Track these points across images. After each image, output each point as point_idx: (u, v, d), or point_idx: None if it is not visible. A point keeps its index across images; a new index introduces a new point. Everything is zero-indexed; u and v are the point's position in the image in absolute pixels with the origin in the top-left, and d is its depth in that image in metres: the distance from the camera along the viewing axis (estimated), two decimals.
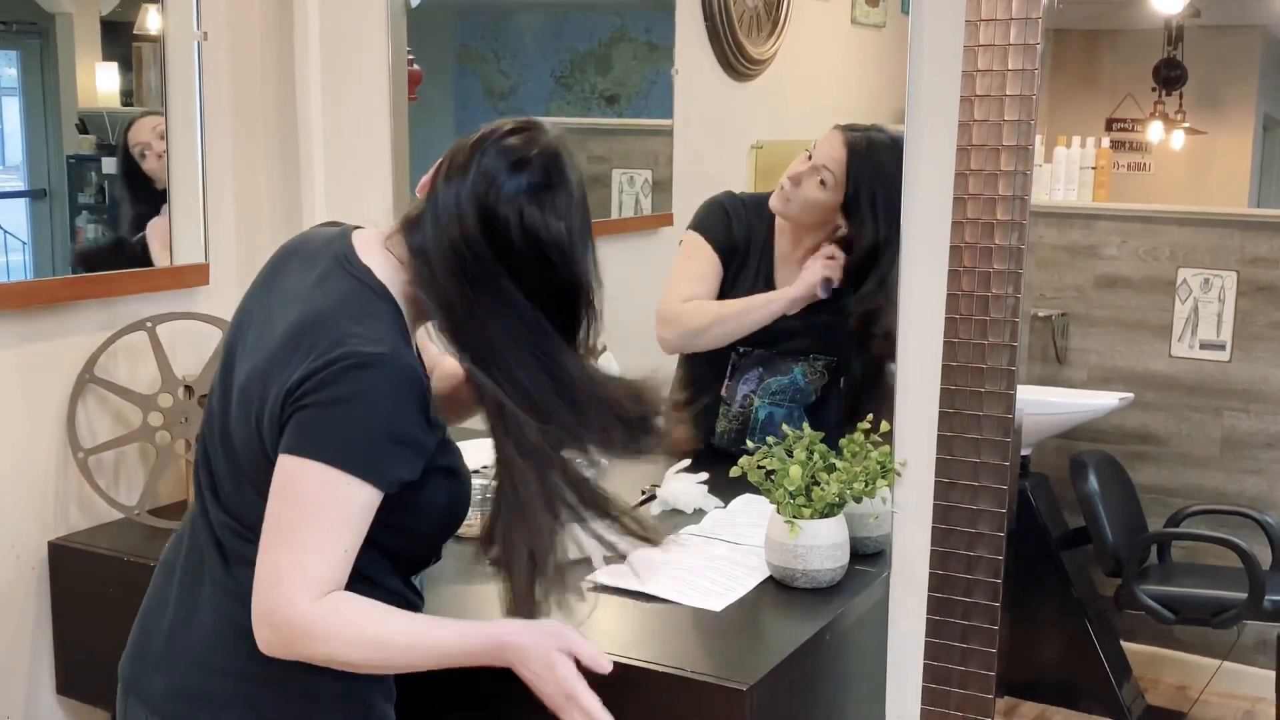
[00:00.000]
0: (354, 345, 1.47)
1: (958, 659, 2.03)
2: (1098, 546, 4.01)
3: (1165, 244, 4.25)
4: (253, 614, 1.49)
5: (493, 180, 1.52)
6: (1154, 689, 4.19)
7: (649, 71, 3.69)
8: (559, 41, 3.82)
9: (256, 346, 1.56)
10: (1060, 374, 4.41)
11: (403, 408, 1.49)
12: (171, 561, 1.68)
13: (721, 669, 1.76)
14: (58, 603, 2.35)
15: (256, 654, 1.55)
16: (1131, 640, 4.21)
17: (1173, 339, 4.25)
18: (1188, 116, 5.26)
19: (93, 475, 2.36)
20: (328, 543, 1.46)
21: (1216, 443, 4.22)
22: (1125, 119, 5.39)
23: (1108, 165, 4.54)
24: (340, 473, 1.46)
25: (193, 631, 1.60)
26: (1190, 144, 5.25)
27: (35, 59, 2.55)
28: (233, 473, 1.58)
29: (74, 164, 2.56)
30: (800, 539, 2.01)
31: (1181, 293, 4.23)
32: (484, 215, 1.51)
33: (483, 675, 1.86)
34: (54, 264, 2.57)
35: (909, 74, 1.99)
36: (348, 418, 1.46)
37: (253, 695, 1.57)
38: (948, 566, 2.03)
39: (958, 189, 1.96)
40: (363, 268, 1.56)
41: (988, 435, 1.98)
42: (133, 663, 1.67)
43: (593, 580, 2.06)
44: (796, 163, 2.59)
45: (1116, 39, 5.43)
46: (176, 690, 1.60)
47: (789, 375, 2.62)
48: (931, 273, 2.00)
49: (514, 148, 1.55)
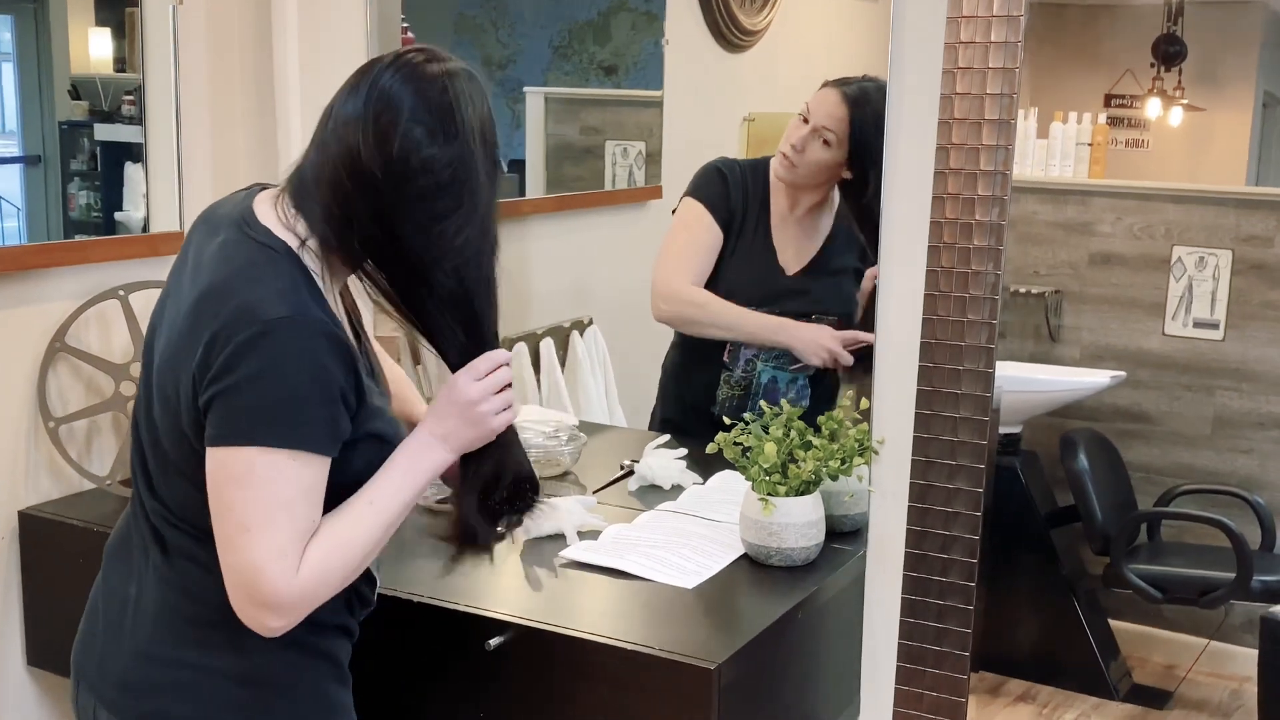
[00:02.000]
0: (254, 314, 1.41)
1: (932, 638, 2.01)
2: (1086, 525, 4.00)
3: (1160, 221, 4.22)
4: (244, 612, 1.45)
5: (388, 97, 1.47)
6: (1141, 668, 4.18)
7: (647, 42, 3.65)
8: (558, 11, 3.79)
9: (170, 327, 1.52)
10: (1053, 351, 4.39)
11: (320, 364, 1.43)
12: (115, 548, 1.65)
13: (689, 647, 1.74)
14: (28, 573, 2.33)
15: (199, 642, 1.53)
16: (1119, 619, 4.20)
17: (1166, 317, 4.23)
18: (1186, 93, 5.21)
19: (63, 444, 2.34)
20: (291, 522, 1.43)
21: (1208, 422, 4.20)
22: (1124, 95, 5.34)
23: (1104, 141, 4.50)
24: (281, 451, 1.41)
25: (135, 620, 1.57)
26: (1189, 121, 5.20)
27: (30, 23, 2.53)
28: (159, 459, 1.54)
29: (66, 130, 2.54)
30: (775, 516, 1.99)
31: (1176, 271, 4.20)
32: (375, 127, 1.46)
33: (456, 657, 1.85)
34: (48, 230, 2.55)
35: (891, 46, 1.96)
36: (269, 392, 1.41)
37: (197, 684, 1.54)
38: (924, 546, 2.00)
39: (939, 163, 1.93)
40: (261, 228, 1.50)
41: (965, 414, 1.95)
42: (82, 651, 1.65)
43: (565, 557, 2.04)
44: (793, 128, 2.57)
45: (1116, 14, 5.38)
46: (120, 679, 1.57)
47: None
48: (911, 248, 1.97)
49: (413, 65, 1.50)
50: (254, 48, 2.62)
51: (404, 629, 1.86)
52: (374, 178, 1.46)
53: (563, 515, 2.12)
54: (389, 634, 1.79)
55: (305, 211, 1.50)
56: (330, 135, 1.50)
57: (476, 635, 1.80)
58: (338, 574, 1.48)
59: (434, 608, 1.86)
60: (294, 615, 1.45)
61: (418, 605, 1.86)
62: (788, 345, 2.56)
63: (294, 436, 1.42)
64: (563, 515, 2.12)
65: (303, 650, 1.57)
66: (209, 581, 1.50)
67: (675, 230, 2.68)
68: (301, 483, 1.43)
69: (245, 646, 1.52)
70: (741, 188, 2.63)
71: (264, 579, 1.41)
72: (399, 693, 1.88)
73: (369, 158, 1.46)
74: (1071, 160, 4.49)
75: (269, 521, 1.41)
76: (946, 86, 1.91)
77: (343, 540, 1.47)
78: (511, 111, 3.56)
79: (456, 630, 1.84)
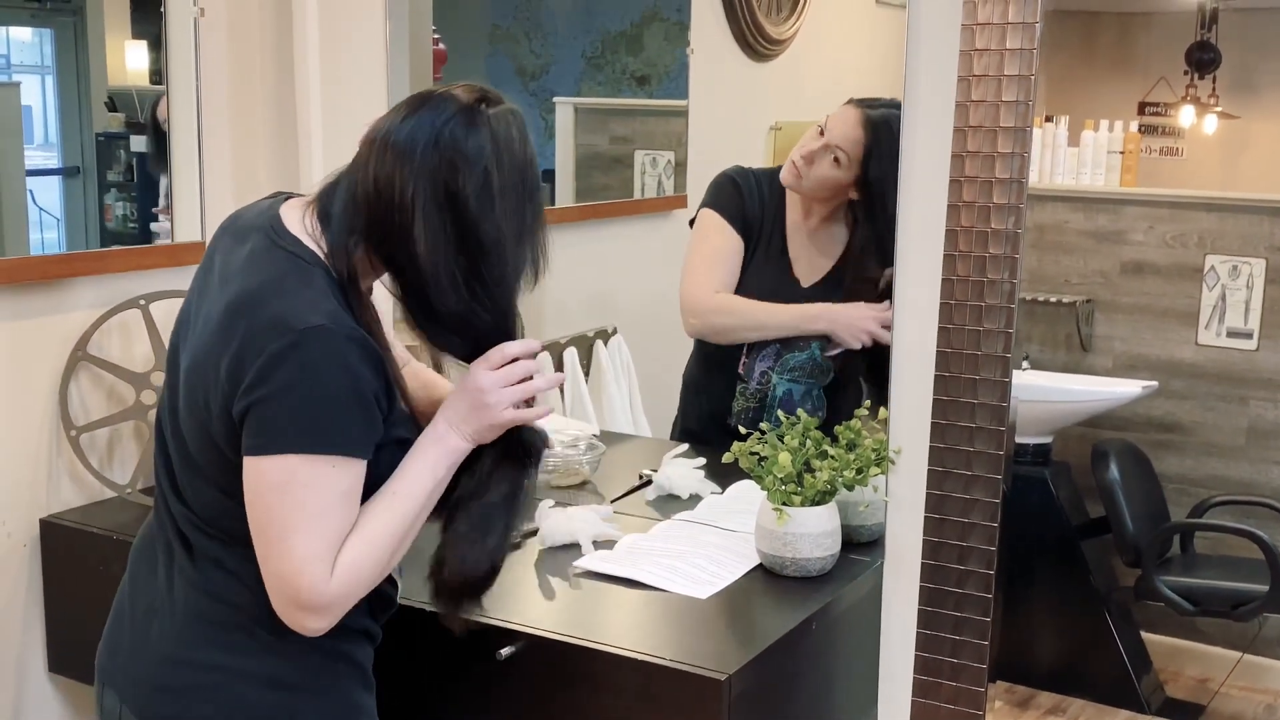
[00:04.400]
0: (287, 323, 1.43)
1: (949, 650, 1.99)
2: (1118, 536, 3.95)
3: (1193, 230, 4.17)
4: (286, 615, 1.47)
5: (446, 138, 1.48)
6: (1173, 681, 4.13)
7: (679, 52, 3.66)
8: (591, 21, 3.80)
9: (198, 335, 1.53)
10: (1084, 361, 4.35)
11: (354, 370, 1.45)
12: (140, 552, 1.67)
13: (701, 657, 1.73)
14: (49, 581, 2.34)
15: (226, 646, 1.55)
16: (1151, 631, 4.15)
17: (1199, 327, 4.18)
18: (1221, 101, 5.15)
19: (85, 453, 2.35)
20: (330, 526, 1.45)
21: (1242, 432, 4.15)
22: (1157, 103, 5.29)
23: (1135, 149, 4.46)
24: (320, 458, 1.43)
25: (162, 624, 1.58)
26: (1223, 128, 5.14)
27: (69, 36, 2.56)
28: (187, 467, 1.56)
29: (103, 142, 2.57)
30: (789, 526, 1.97)
31: (1209, 280, 4.15)
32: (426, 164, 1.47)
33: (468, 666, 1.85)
34: (86, 241, 2.58)
35: (906, 53, 1.94)
36: (306, 400, 1.43)
37: (225, 687, 1.55)
38: (940, 557, 1.98)
39: (954, 172, 1.91)
40: (290, 237, 1.52)
41: (982, 424, 1.93)
42: (108, 654, 1.66)
43: (580, 566, 2.04)
44: (808, 139, 2.54)
45: (1149, 21, 5.33)
46: (147, 682, 1.58)
47: (807, 350, 2.57)
48: (926, 257, 1.95)
49: (473, 109, 1.51)
50: (275, 58, 2.64)
51: (417, 638, 1.86)
52: (418, 213, 1.47)
53: (578, 525, 2.12)
54: (402, 642, 1.78)
55: (334, 226, 1.51)
56: (377, 161, 1.49)
57: (489, 645, 1.80)
58: (370, 570, 1.50)
59: None
60: (333, 615, 1.48)
61: (430, 615, 1.86)
62: (828, 330, 2.52)
63: (332, 442, 1.44)
64: (578, 525, 2.12)
65: (327, 654, 1.58)
66: (235, 586, 1.53)
67: (695, 243, 2.66)
68: (340, 487, 1.45)
69: (273, 650, 1.54)
70: (757, 196, 2.62)
71: (303, 582, 1.44)
72: (412, 701, 1.88)
73: (417, 193, 1.47)
74: (1103, 169, 4.45)
75: (308, 527, 1.43)
76: (962, 94, 1.89)
77: (371, 536, 1.49)
78: (544, 121, 3.57)
79: (469, 639, 1.84)
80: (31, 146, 2.52)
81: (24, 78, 2.48)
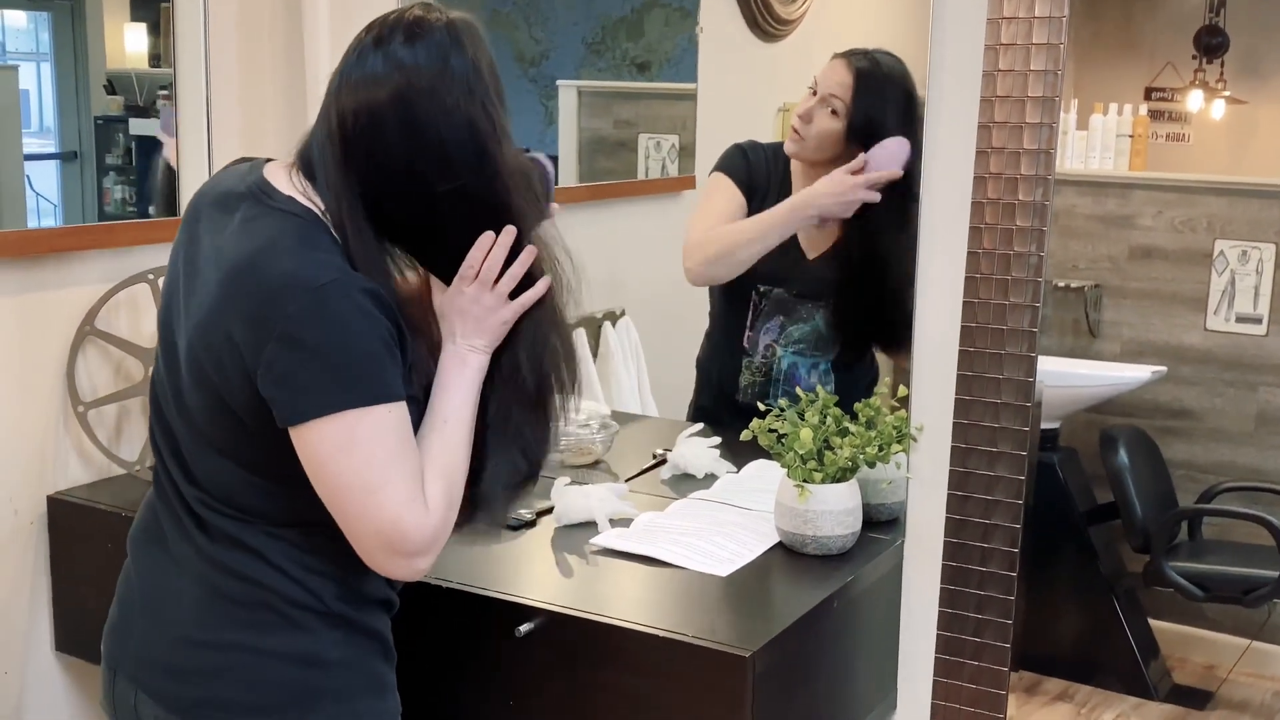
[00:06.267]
0: (302, 283, 1.40)
1: (972, 630, 1.96)
2: (1126, 522, 3.93)
3: (1202, 215, 4.15)
4: (388, 566, 1.47)
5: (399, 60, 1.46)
6: (1181, 668, 4.12)
7: (680, 38, 3.63)
8: (590, 7, 3.77)
9: (195, 307, 1.49)
10: (1092, 346, 4.32)
11: (376, 319, 1.43)
12: (141, 536, 1.63)
13: (724, 635, 1.70)
14: (56, 558, 2.31)
15: (251, 624, 1.52)
16: (1159, 618, 4.13)
17: (1208, 312, 4.16)
18: (1229, 85, 5.11)
19: (93, 429, 2.32)
20: (408, 468, 1.44)
21: (1251, 418, 4.13)
22: (1164, 88, 5.25)
23: (1144, 133, 4.43)
24: (375, 407, 1.42)
25: (179, 606, 1.54)
26: (1231, 113, 5.11)
27: (66, 20, 2.54)
28: (199, 445, 1.52)
29: (102, 125, 2.55)
30: (810, 504, 1.95)
31: (1218, 265, 4.13)
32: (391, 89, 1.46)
33: (485, 643, 1.82)
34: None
35: (931, 20, 1.91)
36: (343, 355, 1.41)
37: (251, 666, 1.52)
38: (963, 535, 1.96)
39: (980, 143, 1.88)
40: (283, 198, 1.49)
41: (1007, 399, 1.90)
42: (117, 643, 1.62)
43: (597, 544, 2.01)
44: (802, 101, 2.55)
45: (1156, 5, 5.29)
46: (166, 666, 1.55)
47: (810, 322, 2.56)
48: (952, 230, 1.92)
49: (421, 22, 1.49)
50: (284, 37, 2.60)
51: (433, 614, 1.83)
52: (393, 140, 1.46)
53: (594, 502, 2.10)
54: (419, 619, 1.76)
55: (320, 177, 1.50)
56: (341, 99, 1.48)
57: (507, 621, 1.77)
58: (453, 496, 1.50)
59: (464, 593, 1.84)
60: (437, 550, 1.48)
61: (447, 591, 1.84)
62: (820, 211, 2.47)
63: (380, 390, 1.42)
64: (594, 502, 2.10)
65: (351, 628, 1.56)
66: (257, 563, 1.51)
67: (700, 202, 2.69)
68: (400, 430, 1.44)
69: (299, 626, 1.52)
70: (763, 166, 2.62)
71: (406, 527, 1.43)
72: (428, 678, 1.85)
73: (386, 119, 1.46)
74: (1112, 153, 4.42)
75: (388, 476, 1.42)
76: (989, 63, 1.86)
77: (444, 464, 1.50)
78: (544, 107, 3.54)
79: (486, 616, 1.82)
80: (28, 132, 2.49)
81: (20, 64, 2.46)
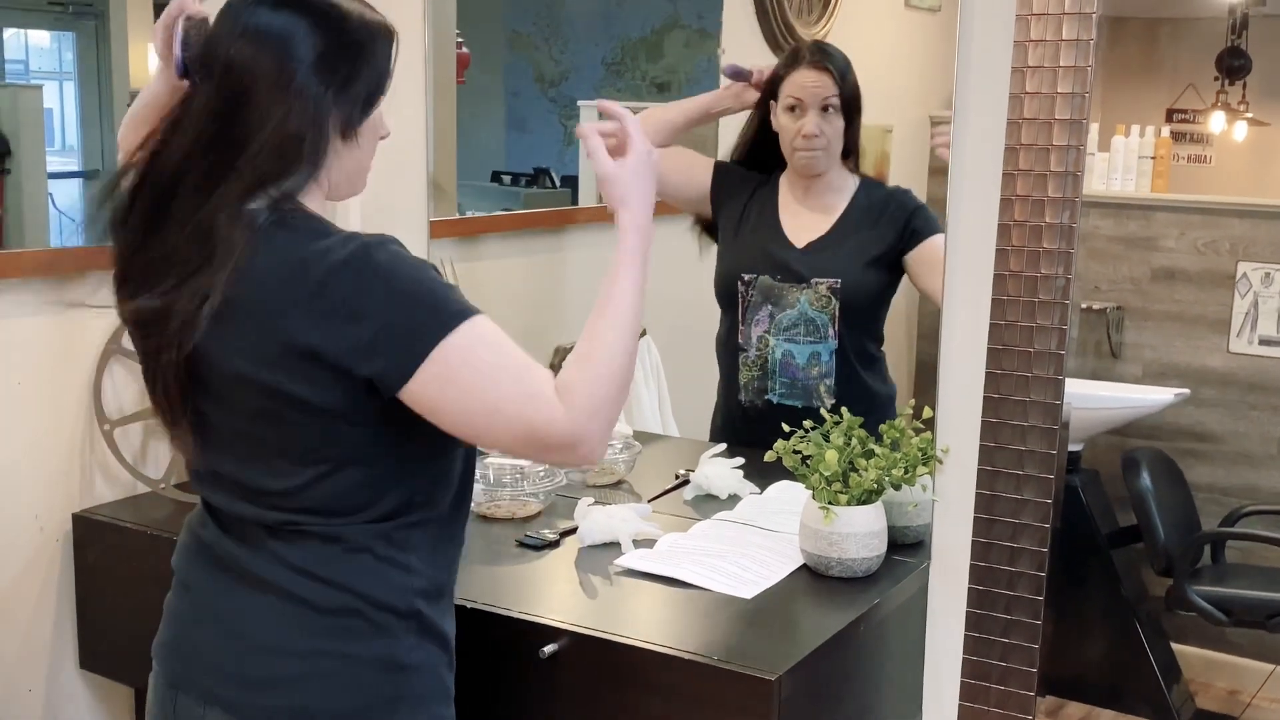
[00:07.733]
0: (342, 254, 1.42)
1: (998, 654, 1.95)
2: (1149, 545, 3.91)
3: (1225, 237, 4.14)
4: (556, 460, 1.51)
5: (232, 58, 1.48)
6: (1204, 693, 4.09)
7: (700, 59, 3.64)
8: (610, 28, 3.78)
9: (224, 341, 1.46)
10: (1114, 368, 4.31)
11: (410, 259, 1.46)
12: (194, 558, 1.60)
13: (749, 658, 1.69)
14: (81, 576, 2.32)
15: (336, 631, 1.50)
16: (1182, 642, 4.10)
17: (1231, 334, 4.14)
18: (1251, 107, 5.11)
19: (118, 447, 2.33)
20: (506, 376, 1.43)
21: (1275, 441, 4.11)
22: (1186, 110, 5.25)
23: (1167, 155, 4.42)
24: (464, 325, 1.42)
25: (250, 617, 1.52)
26: (1253, 135, 5.10)
27: (90, 40, 2.55)
28: (270, 462, 1.50)
29: None
30: (835, 526, 1.94)
31: (1241, 287, 4.11)
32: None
33: (510, 664, 1.82)
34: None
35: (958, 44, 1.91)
36: (416, 292, 1.42)
37: (337, 673, 1.51)
38: (990, 558, 1.95)
39: (1007, 165, 1.88)
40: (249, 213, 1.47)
41: (1034, 422, 1.89)
42: (181, 661, 1.57)
43: (621, 565, 2.01)
44: (806, 124, 2.57)
45: (1179, 27, 5.29)
46: (241, 678, 1.52)
47: (796, 306, 2.58)
48: (978, 252, 1.91)
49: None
50: None
51: (458, 635, 1.82)
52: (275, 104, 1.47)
53: (618, 523, 2.09)
54: None
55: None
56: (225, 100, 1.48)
57: (531, 642, 1.77)
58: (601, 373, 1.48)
59: (488, 614, 1.83)
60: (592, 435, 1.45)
61: (471, 611, 1.83)
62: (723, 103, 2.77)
63: (463, 308, 1.44)
64: (618, 523, 2.09)
65: (425, 632, 1.56)
66: (344, 566, 1.50)
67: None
68: (489, 339, 1.45)
69: (383, 630, 1.51)
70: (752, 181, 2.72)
71: (536, 427, 1.42)
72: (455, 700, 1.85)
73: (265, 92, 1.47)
74: (1134, 174, 4.41)
75: (500, 391, 1.42)
76: (1016, 86, 1.86)
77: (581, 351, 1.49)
78: (564, 127, 3.55)
79: (510, 637, 1.81)
80: (52, 150, 2.50)
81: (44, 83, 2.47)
